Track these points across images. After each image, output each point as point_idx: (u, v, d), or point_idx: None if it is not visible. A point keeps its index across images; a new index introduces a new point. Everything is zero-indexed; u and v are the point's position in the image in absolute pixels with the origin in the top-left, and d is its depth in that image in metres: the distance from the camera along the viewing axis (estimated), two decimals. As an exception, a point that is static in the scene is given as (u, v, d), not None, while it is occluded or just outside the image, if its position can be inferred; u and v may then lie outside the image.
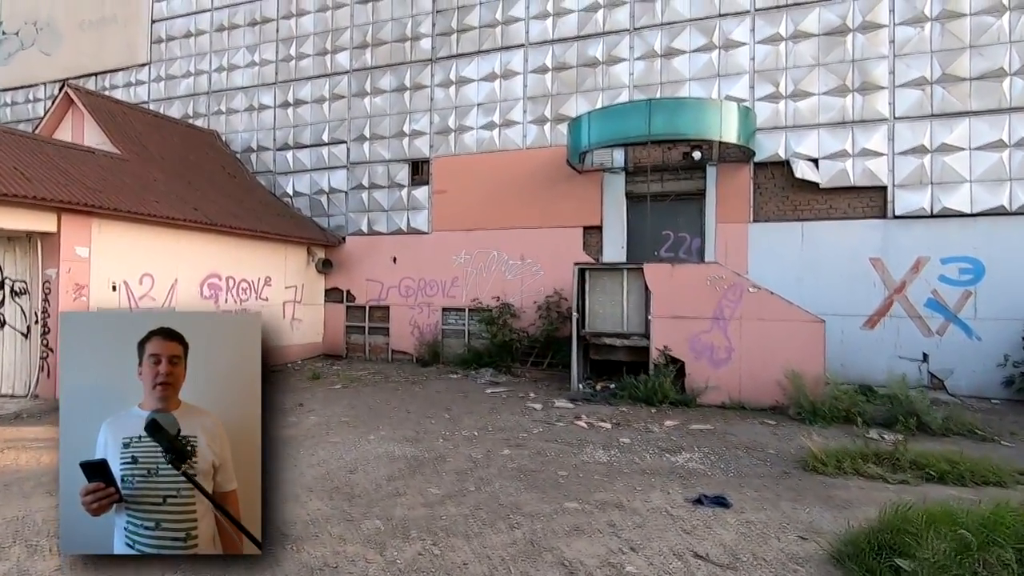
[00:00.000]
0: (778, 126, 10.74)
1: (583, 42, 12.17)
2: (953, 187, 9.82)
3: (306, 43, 14.70)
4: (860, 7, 10.41)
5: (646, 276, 9.25)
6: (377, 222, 13.87)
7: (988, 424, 7.68)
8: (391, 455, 6.16)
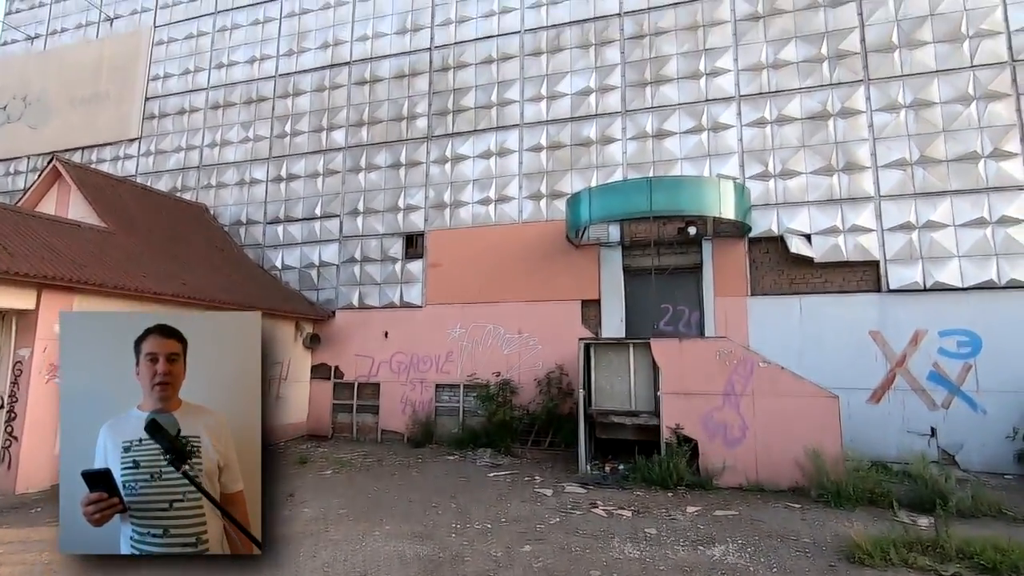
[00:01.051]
0: (770, 203, 11.07)
1: (576, 123, 12.61)
2: (943, 262, 10.11)
3: (302, 121, 14.94)
4: (838, 95, 11.08)
5: (654, 352, 9.08)
6: (369, 296, 13.58)
7: (1012, 504, 7.45)
8: (402, 556, 5.59)
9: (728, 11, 11.98)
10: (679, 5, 12.30)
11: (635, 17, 12.58)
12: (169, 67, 16.85)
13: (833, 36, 11.29)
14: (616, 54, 12.55)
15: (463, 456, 10.89)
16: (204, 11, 16.75)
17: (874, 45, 11.02)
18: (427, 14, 14.29)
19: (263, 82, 15.61)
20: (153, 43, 17.28)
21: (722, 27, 11.96)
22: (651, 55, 12.31)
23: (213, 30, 16.53)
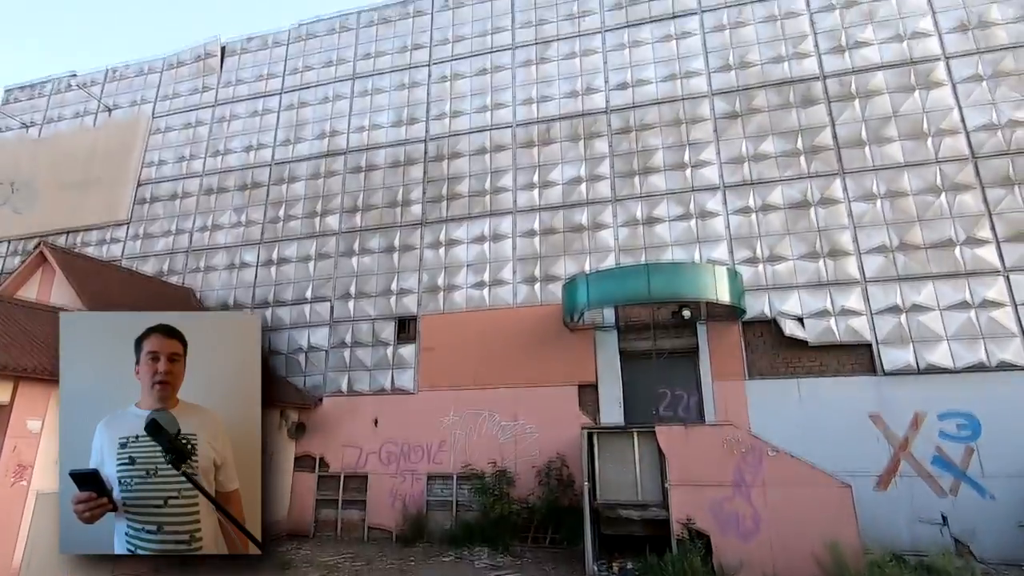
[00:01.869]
0: (761, 286, 11.33)
1: (568, 210, 12.99)
2: (933, 344, 10.31)
3: (296, 206, 15.12)
4: (817, 185, 11.70)
5: (659, 439, 8.85)
6: (358, 381, 13.19)
7: (1041, 599, 7.16)
8: None
9: (708, 110, 12.82)
10: (662, 103, 13.14)
11: (621, 113, 13.36)
12: (164, 154, 17.15)
13: (807, 133, 12.09)
14: (605, 146, 13.20)
15: (459, 556, 10.18)
16: (204, 103, 17.33)
17: (845, 141, 11.80)
18: (422, 108, 14.98)
19: (258, 169, 15.91)
20: (150, 131, 17.68)
21: (703, 123, 12.74)
22: (638, 148, 12.97)
23: (211, 120, 17.03)
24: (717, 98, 12.87)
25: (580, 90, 13.84)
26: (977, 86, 11.47)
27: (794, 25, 12.90)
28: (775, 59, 12.78)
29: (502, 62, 14.75)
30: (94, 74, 19.30)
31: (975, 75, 11.53)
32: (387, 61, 15.84)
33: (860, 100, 11.98)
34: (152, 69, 18.61)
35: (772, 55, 12.82)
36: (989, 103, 11.32)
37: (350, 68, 16.14)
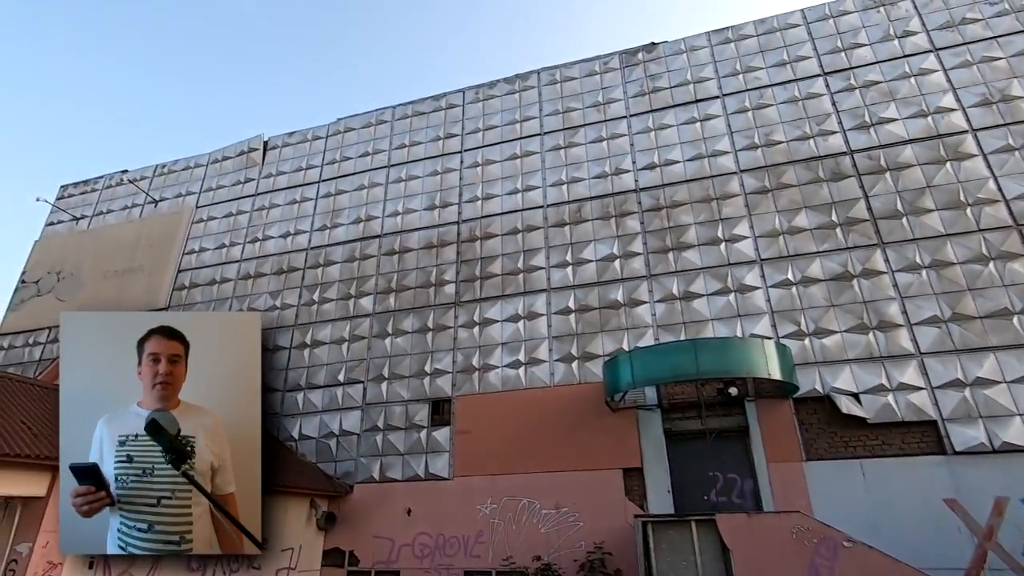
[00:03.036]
0: (809, 361, 10.91)
1: (603, 287, 12.95)
2: (1005, 420, 9.66)
3: (330, 289, 15.34)
4: (857, 257, 11.55)
5: (720, 530, 8.20)
6: (391, 467, 12.71)
7: None
8: None
9: (738, 186, 13.01)
10: (691, 181, 13.40)
11: (651, 192, 13.61)
12: (205, 242, 17.78)
13: (840, 206, 12.11)
14: (637, 224, 13.34)
15: (503, 666, 9.26)
16: (245, 193, 18.16)
17: (881, 213, 11.77)
18: (455, 193, 15.47)
19: (295, 254, 16.34)
20: (192, 221, 18.45)
21: (734, 199, 12.88)
22: (670, 224, 13.08)
23: (252, 209, 17.76)
24: (746, 175, 13.09)
25: (609, 171, 14.22)
26: (1010, 156, 11.51)
27: (816, 105, 13.30)
28: (800, 137, 13.08)
29: (531, 147, 15.34)
30: (143, 170, 20.51)
31: (1006, 146, 11.61)
32: (421, 150, 16.59)
33: (891, 173, 12.07)
34: (198, 164, 19.73)
35: (797, 133, 13.13)
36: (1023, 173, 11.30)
37: (385, 157, 16.91)
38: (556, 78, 16.17)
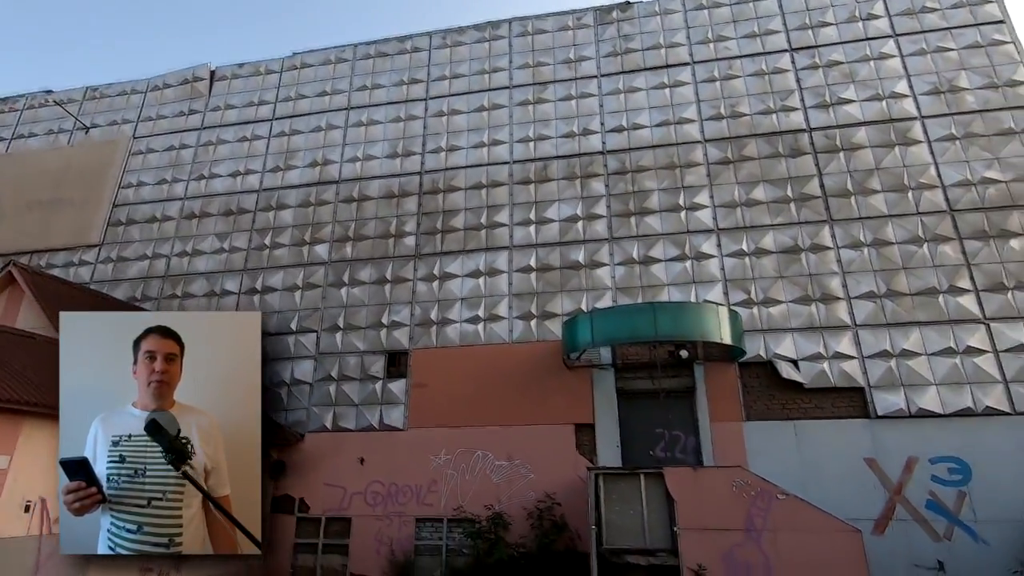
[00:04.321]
0: (756, 329, 11.49)
1: (565, 247, 13.05)
2: (922, 389, 10.59)
3: (283, 234, 14.73)
4: (807, 232, 12.11)
5: (668, 482, 8.71)
6: (344, 417, 12.65)
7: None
8: None
9: (701, 155, 13.24)
10: (657, 147, 13.52)
11: (617, 155, 13.66)
12: (144, 176, 16.58)
13: (796, 181, 12.58)
14: (601, 187, 13.42)
15: (453, 606, 9.64)
16: (189, 126, 16.94)
17: (832, 191, 12.32)
18: (418, 142, 14.99)
19: (245, 195, 15.51)
20: (129, 152, 17.10)
21: (697, 168, 13.13)
22: (634, 189, 13.23)
23: (196, 144, 16.62)
24: (710, 145, 13.32)
25: (577, 131, 14.13)
26: (951, 145, 12.21)
27: (781, 81, 13.58)
28: (764, 111, 13.37)
29: (499, 100, 14.98)
30: (72, 92, 18.70)
31: (949, 135, 12.29)
32: (383, 94, 15.89)
33: (845, 153, 12.59)
34: (135, 90, 18.16)
35: (761, 107, 13.41)
36: (963, 161, 12.04)
37: (344, 99, 16.11)
38: (528, 30, 15.71)
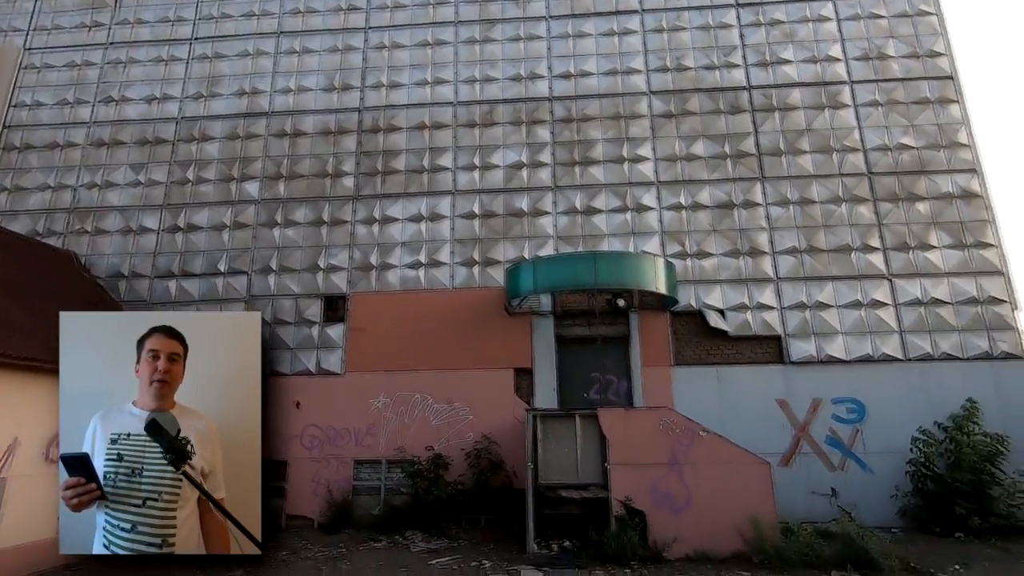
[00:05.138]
0: (688, 279, 12.03)
1: (509, 194, 12.96)
2: (831, 337, 11.58)
3: (208, 168, 13.72)
4: (740, 188, 12.61)
5: (601, 422, 9.17)
6: (279, 362, 12.33)
7: (913, 557, 8.33)
8: (383, 673, 4.83)
9: (646, 107, 13.32)
10: (603, 97, 13.46)
11: (564, 102, 13.51)
12: (41, 95, 14.78)
13: (733, 138, 12.97)
14: (547, 133, 13.29)
15: (391, 541, 9.92)
16: (94, 42, 15.13)
17: (766, 149, 12.82)
18: (356, 76, 14.16)
19: (162, 123, 14.22)
20: (21, 66, 15.13)
21: (641, 120, 13.23)
22: (579, 138, 13.20)
23: (103, 63, 14.92)
24: (655, 97, 13.41)
25: (524, 75, 13.79)
26: (874, 111, 12.92)
27: (726, 36, 13.73)
28: (708, 66, 13.54)
29: (444, 36, 14.31)
30: (-56, -10, 16.12)
31: (873, 101, 12.98)
32: (318, 21, 14.76)
33: (780, 113, 13.05)
34: (25, -6, 15.90)
35: (705, 62, 13.57)
36: (883, 127, 12.80)
37: (275, 23, 14.84)
38: (476, -39, 14.89)
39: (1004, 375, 11.13)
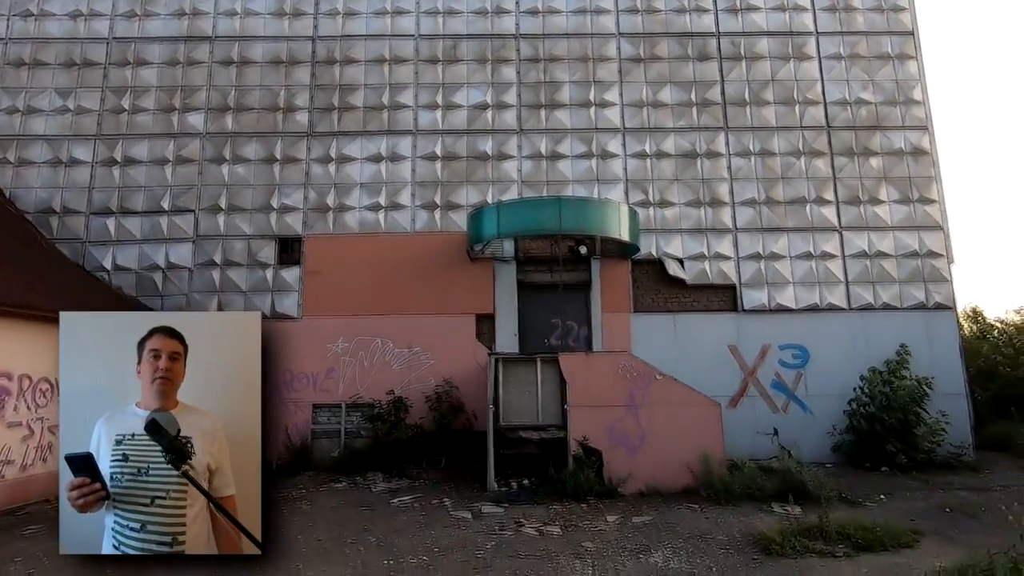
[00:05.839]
0: (650, 228, 12.13)
1: (473, 136, 12.56)
2: (782, 287, 12.01)
3: (146, 96, 12.65)
4: (705, 137, 12.62)
5: (562, 366, 9.32)
6: (231, 305, 11.88)
7: (845, 489, 9.00)
8: (348, 604, 4.92)
9: (614, 50, 12.98)
10: (571, 37, 13.01)
11: (531, 41, 12.99)
12: (-55, 5, 13.11)
13: (700, 86, 12.86)
14: (513, 73, 12.82)
15: (352, 483, 10.00)
16: (5, -56, 13.39)
17: (731, 99, 12.79)
18: (310, 0, 13.13)
19: (91, 44, 12.91)
20: (-83, -30, 13.31)
21: (609, 64, 12.91)
22: (546, 79, 12.81)
23: (16, -31, 13.28)
24: (623, 40, 13.06)
25: (490, 8, 13.12)
26: (837, 64, 13.01)
27: (697, -22, 13.36)
28: (678, 9, 13.21)
29: (405, -38, 13.35)
30: None
31: (837, 54, 13.05)
32: (265, -65, 13.47)
33: (747, 62, 12.97)
34: None
35: (676, 5, 13.22)
36: (844, 81, 12.94)
37: (216, -65, 13.46)
38: None
39: (934, 324, 11.89)
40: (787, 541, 6.22)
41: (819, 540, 6.39)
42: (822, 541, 6.36)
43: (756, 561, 5.96)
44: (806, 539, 6.36)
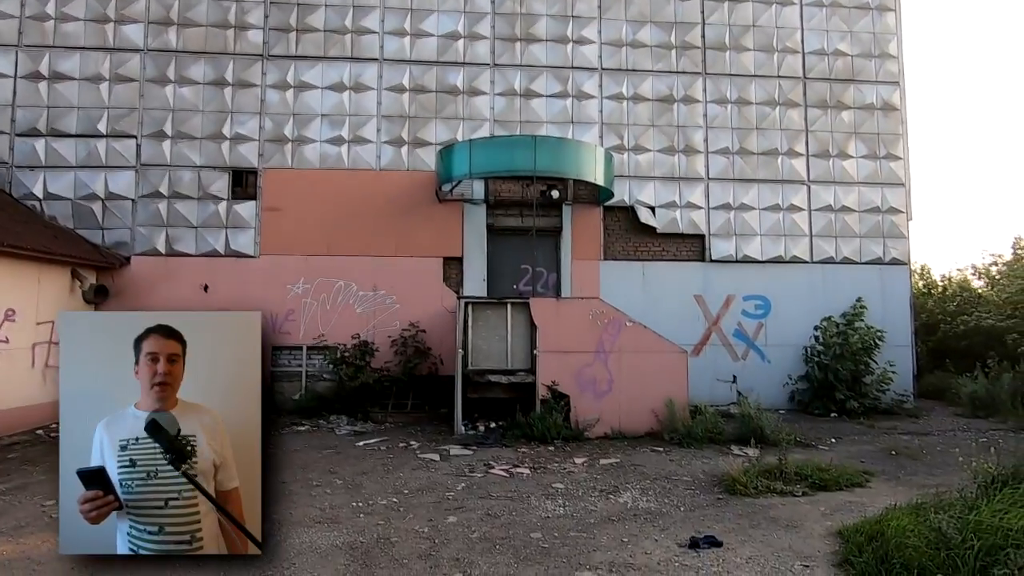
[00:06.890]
0: (623, 174, 11.89)
1: (443, 68, 11.83)
2: (750, 238, 12.11)
3: (74, 4, 11.25)
4: (682, 82, 12.28)
5: (533, 311, 9.19)
6: (180, 240, 11.13)
7: (800, 433, 9.39)
8: (317, 548, 4.78)
9: (595, -18, 12.29)
10: (550, -36, 12.20)
11: (507, -34, 12.13)
12: None
13: (680, 27, 12.39)
14: (487, 2, 11.99)
15: (316, 426, 9.80)
16: None
17: (711, 43, 12.42)
18: (262, -98, 11.78)
19: (6, -63, 11.29)
20: None
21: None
22: (521, 11, 12.06)
23: None
24: (605, -29, 12.35)
25: (464, -73, 12.10)
26: (818, 12, 12.74)
27: (685, -91, 12.64)
28: (663, -58, 12.53)
29: None
30: None
31: (818, 1, 12.75)
32: None
33: (729, 4, 12.54)
34: None
35: (661, -63, 12.53)
36: (823, 30, 12.72)
37: None
38: None
39: (889, 279, 12.31)
40: (750, 481, 6.42)
41: (779, 480, 6.60)
42: (781, 481, 6.58)
43: (721, 500, 6.13)
44: (767, 479, 6.59)
